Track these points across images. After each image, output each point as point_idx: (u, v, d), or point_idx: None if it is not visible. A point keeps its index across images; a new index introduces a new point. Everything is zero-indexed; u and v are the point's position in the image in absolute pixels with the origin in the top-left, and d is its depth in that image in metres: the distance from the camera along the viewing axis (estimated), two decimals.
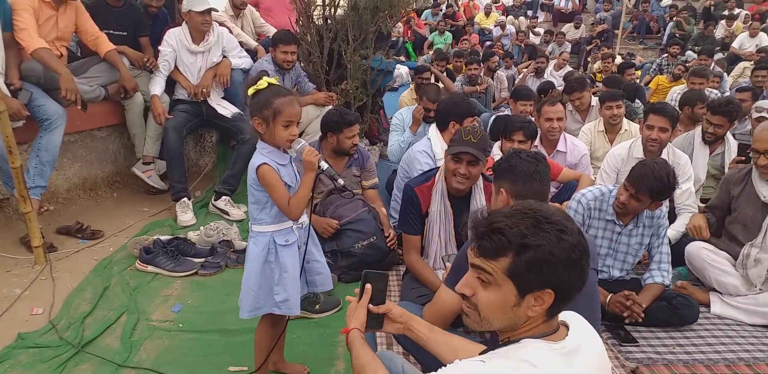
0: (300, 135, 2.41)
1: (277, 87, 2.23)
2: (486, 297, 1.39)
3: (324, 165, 2.24)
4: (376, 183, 4.21)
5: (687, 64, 9.06)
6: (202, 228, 3.94)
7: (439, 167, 3.20)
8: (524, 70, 9.90)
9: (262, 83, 2.19)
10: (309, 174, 2.24)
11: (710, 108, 4.29)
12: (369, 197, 4.07)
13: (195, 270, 3.59)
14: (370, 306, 1.76)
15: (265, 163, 2.20)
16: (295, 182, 2.30)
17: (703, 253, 3.46)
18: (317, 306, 3.16)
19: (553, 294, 1.34)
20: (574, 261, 1.33)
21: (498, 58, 9.70)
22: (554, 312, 1.40)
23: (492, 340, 2.15)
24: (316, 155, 2.22)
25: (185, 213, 4.28)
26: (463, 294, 1.43)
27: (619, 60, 10.45)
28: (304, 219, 2.38)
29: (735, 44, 11.66)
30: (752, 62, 9.07)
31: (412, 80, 6.61)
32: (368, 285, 1.76)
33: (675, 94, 6.84)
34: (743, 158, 4.01)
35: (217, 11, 5.28)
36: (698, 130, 4.47)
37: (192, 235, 3.95)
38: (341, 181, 2.33)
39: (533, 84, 8.56)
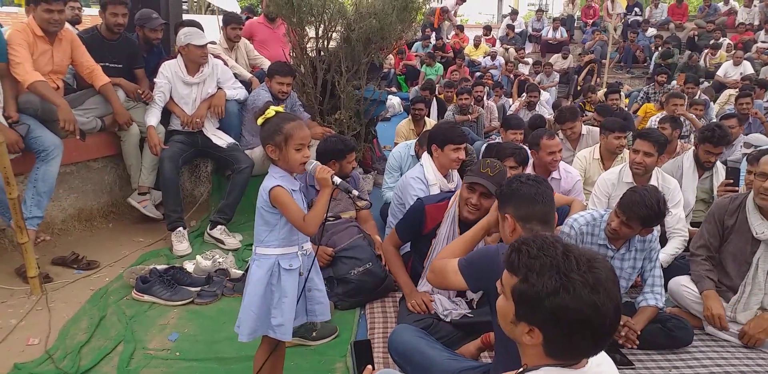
0: None
1: (285, 113, 2.33)
2: (499, 300, 1.46)
3: (337, 180, 2.30)
4: (368, 203, 4.26)
5: None
6: (198, 257, 3.95)
7: (455, 191, 3.29)
8: (519, 99, 10.08)
9: (270, 112, 2.28)
10: (325, 190, 2.29)
11: (705, 138, 4.31)
12: (362, 217, 4.16)
13: (191, 299, 3.58)
14: None
15: (278, 186, 2.26)
16: (304, 208, 2.36)
17: (684, 290, 3.45)
18: (314, 334, 3.15)
19: (540, 336, 1.33)
20: (562, 321, 1.29)
21: (488, 88, 9.87)
22: (554, 353, 1.36)
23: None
24: (328, 172, 2.29)
25: (181, 243, 4.30)
26: None
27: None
28: (309, 246, 2.42)
29: (720, 73, 11.91)
30: (737, 90, 9.25)
31: (406, 110, 6.69)
32: (369, 367, 1.81)
33: (652, 122, 6.99)
34: (731, 181, 4.08)
35: (214, 44, 5.38)
36: (687, 154, 4.54)
37: (188, 264, 3.95)
38: (356, 192, 2.38)
39: (525, 116, 8.71)
